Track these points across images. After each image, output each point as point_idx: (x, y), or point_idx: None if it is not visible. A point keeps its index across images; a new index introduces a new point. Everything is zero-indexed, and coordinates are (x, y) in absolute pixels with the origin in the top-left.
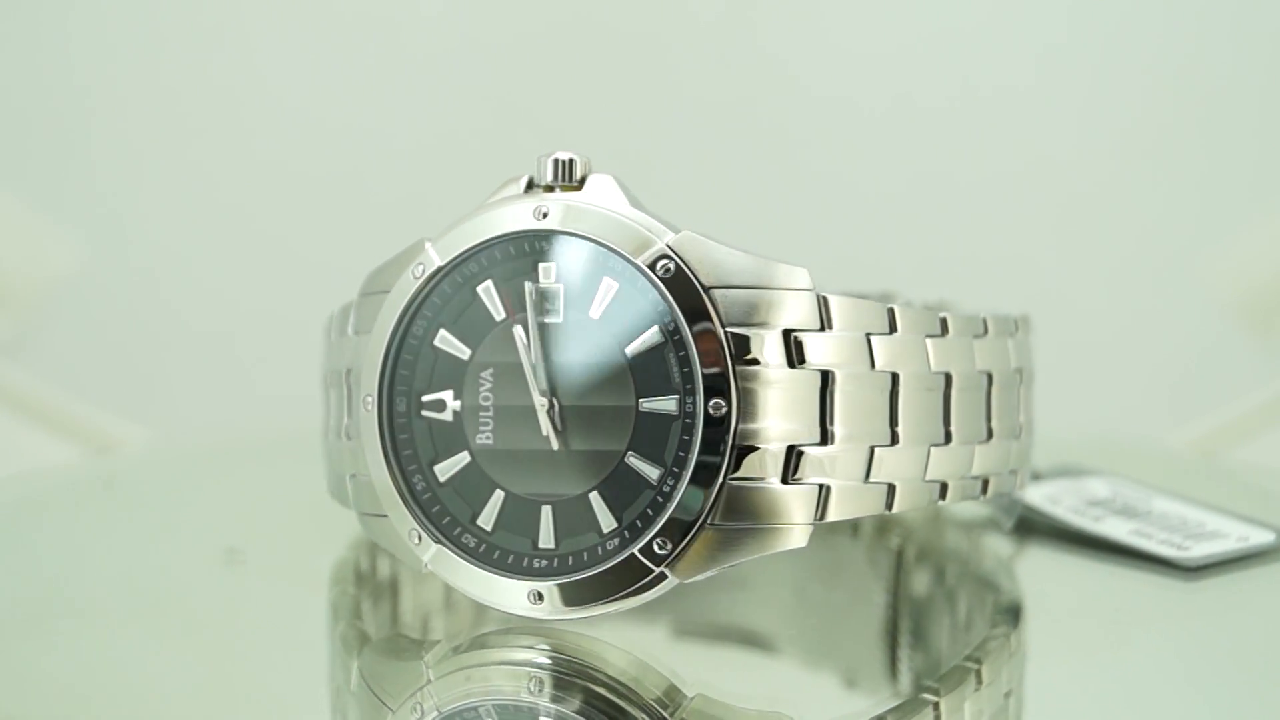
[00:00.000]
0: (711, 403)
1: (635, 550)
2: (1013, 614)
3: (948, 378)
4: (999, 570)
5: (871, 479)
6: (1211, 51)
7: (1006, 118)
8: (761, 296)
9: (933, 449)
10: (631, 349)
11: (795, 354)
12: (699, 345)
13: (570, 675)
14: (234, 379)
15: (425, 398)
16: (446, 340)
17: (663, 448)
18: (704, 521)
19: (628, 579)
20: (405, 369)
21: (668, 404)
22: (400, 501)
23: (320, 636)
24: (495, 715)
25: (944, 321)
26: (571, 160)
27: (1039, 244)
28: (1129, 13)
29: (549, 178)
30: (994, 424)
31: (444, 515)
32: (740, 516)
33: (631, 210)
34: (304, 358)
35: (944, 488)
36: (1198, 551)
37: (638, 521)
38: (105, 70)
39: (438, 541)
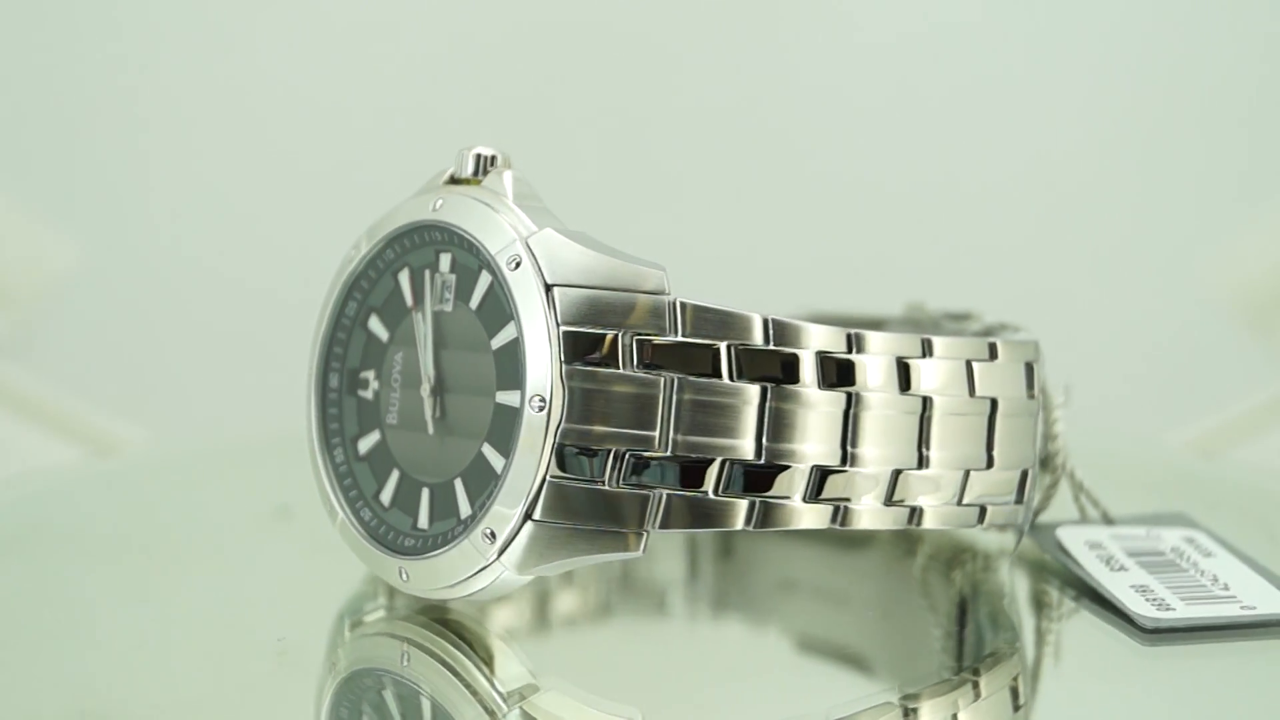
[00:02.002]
0: (533, 399)
1: (469, 539)
2: (986, 656)
3: (853, 397)
4: (1004, 609)
5: (716, 493)
6: (1210, 50)
7: (1004, 116)
8: (610, 298)
9: (835, 473)
10: (496, 342)
11: (640, 356)
12: (527, 341)
13: (436, 655)
14: (234, 379)
15: (358, 375)
16: (375, 323)
17: (509, 440)
18: (527, 516)
19: (465, 566)
20: (339, 347)
21: (513, 397)
22: (320, 471)
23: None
24: (377, 681)
25: (851, 338)
26: (481, 155)
27: (1037, 243)
28: (1129, 10)
29: (465, 171)
30: (931, 450)
31: (352, 488)
32: (571, 516)
33: (509, 206)
34: (304, 357)
35: (843, 510)
36: (1182, 613)
37: (479, 511)
38: (104, 71)
39: (343, 511)
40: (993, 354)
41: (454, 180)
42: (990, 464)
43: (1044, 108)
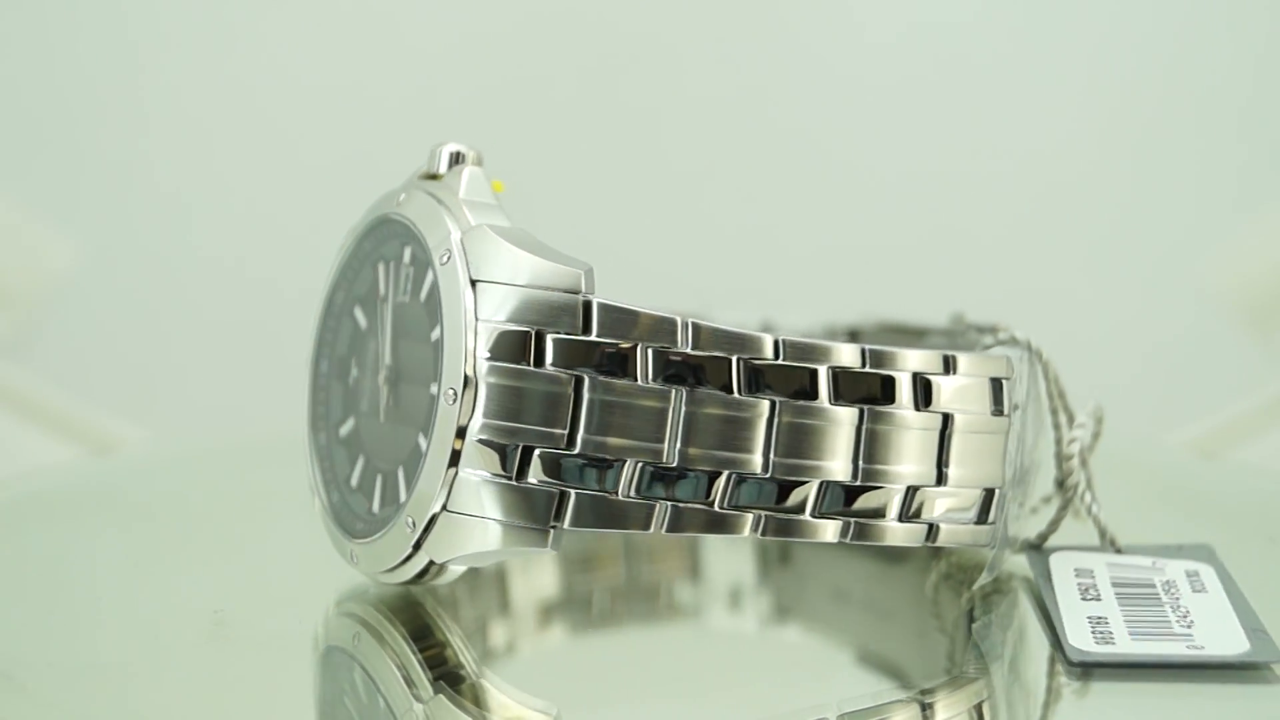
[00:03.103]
0: (448, 391)
1: (394, 527)
2: (947, 680)
3: (781, 405)
4: (972, 632)
5: (628, 494)
6: (1209, 49)
7: (1005, 115)
8: (533, 295)
9: (763, 481)
10: (434, 334)
11: (557, 355)
12: (448, 335)
13: (380, 640)
14: (235, 378)
15: (346, 362)
16: (359, 312)
17: (431, 430)
18: (442, 507)
19: (394, 552)
20: (329, 334)
21: (435, 388)
22: (308, 452)
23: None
24: (326, 657)
25: (779, 346)
26: (446, 151)
27: (1037, 243)
28: (1130, 8)
29: (433, 167)
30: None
31: (329, 470)
32: (482, 509)
33: (457, 202)
34: (305, 357)
35: (764, 519)
36: (1119, 648)
37: (408, 499)
38: (104, 71)
39: (318, 492)
40: (949, 368)
41: (428, 176)
42: (941, 481)
43: (1045, 108)
